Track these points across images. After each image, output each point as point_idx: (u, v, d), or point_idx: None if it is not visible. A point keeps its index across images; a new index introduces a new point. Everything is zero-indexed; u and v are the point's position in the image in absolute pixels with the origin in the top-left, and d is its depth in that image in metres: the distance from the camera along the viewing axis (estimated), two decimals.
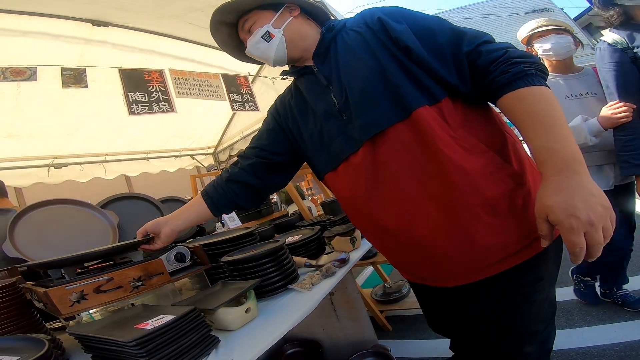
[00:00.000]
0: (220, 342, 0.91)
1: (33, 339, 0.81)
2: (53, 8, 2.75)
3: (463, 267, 0.93)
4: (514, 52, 0.85)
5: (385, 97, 0.92)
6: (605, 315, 2.11)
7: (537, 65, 0.83)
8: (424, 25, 0.93)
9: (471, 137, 0.89)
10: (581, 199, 0.72)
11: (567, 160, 0.75)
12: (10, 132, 3.57)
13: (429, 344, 2.31)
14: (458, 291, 0.97)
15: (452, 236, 0.90)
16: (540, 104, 0.80)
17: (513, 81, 0.82)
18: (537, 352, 0.98)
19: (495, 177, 0.87)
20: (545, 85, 0.82)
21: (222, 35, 1.15)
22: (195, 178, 3.97)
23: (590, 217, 0.71)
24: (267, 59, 1.08)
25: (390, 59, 0.92)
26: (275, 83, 4.32)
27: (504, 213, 0.86)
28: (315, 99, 1.07)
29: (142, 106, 2.80)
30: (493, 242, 0.87)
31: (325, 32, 1.05)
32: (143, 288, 1.03)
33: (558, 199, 0.74)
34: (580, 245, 0.72)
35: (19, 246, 1.30)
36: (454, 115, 0.90)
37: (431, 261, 0.97)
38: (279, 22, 1.05)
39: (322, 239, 1.81)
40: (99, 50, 3.23)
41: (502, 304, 0.93)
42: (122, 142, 4.66)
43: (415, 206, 0.92)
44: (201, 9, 3.09)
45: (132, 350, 0.71)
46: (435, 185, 0.89)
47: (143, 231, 1.23)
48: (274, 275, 1.26)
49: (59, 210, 1.49)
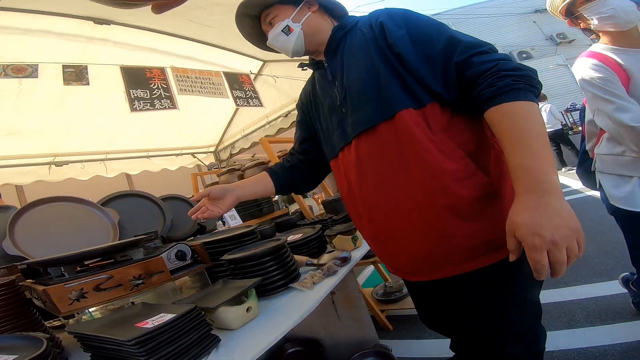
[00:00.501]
0: (221, 342, 0.90)
1: (31, 338, 0.80)
2: (55, 6, 2.74)
3: (433, 262, 0.98)
4: (506, 64, 0.85)
5: (376, 98, 0.98)
6: (607, 316, 2.10)
7: (527, 78, 0.84)
8: (423, 31, 0.97)
9: (450, 142, 0.93)
10: (547, 219, 0.74)
11: (539, 179, 0.77)
12: (12, 130, 3.57)
13: (430, 343, 2.30)
14: (435, 286, 1.03)
15: (420, 232, 0.96)
16: (521, 121, 0.81)
17: (498, 95, 0.83)
18: (524, 353, 1.00)
19: (466, 182, 0.90)
20: (532, 101, 0.83)
21: (246, 26, 1.24)
22: (196, 176, 3.97)
23: (554, 236, 0.73)
24: (286, 50, 1.17)
25: (385, 62, 0.98)
26: (276, 81, 4.31)
27: (469, 217, 0.91)
28: (323, 92, 1.19)
29: (144, 103, 2.79)
30: (458, 242, 0.92)
31: (337, 30, 1.12)
32: (143, 286, 1.03)
33: (525, 216, 0.76)
34: (542, 262, 0.74)
35: (19, 244, 1.29)
36: (438, 120, 0.94)
37: (405, 254, 1.04)
38: (298, 16, 1.13)
39: (324, 238, 1.80)
40: (101, 49, 3.23)
41: (477, 302, 0.98)
42: (123, 140, 4.66)
43: (391, 201, 0.99)
44: (203, 7, 3.09)
45: (132, 350, 0.70)
46: (408, 183, 0.95)
47: (205, 194, 1.29)
48: (275, 274, 1.25)
49: (59, 208, 1.48)
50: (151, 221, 1.72)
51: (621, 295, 2.26)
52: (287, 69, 4.32)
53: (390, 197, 1.00)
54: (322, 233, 1.80)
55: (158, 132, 4.94)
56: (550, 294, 2.53)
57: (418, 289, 1.19)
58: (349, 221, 1.96)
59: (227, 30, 3.57)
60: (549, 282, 2.67)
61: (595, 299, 2.32)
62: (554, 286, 2.63)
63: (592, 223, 3.83)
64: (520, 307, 0.98)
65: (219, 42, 3.82)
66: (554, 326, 2.14)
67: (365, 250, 1.77)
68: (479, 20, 17.57)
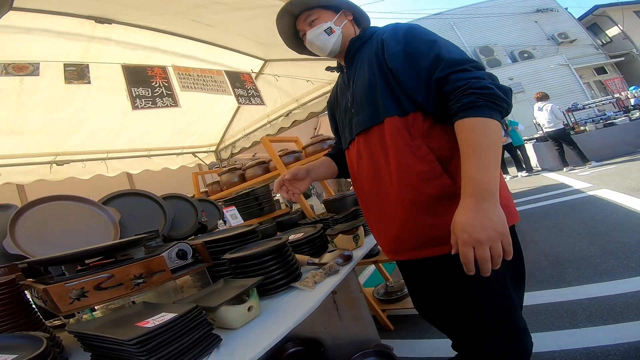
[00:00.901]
0: (222, 341, 0.90)
1: (31, 337, 0.80)
2: (56, 5, 2.73)
3: (405, 245, 1.17)
4: (476, 83, 0.95)
5: (372, 104, 1.17)
6: (610, 316, 2.09)
7: (491, 97, 0.94)
8: (417, 47, 1.09)
9: (424, 147, 1.08)
10: (478, 221, 0.88)
11: (480, 188, 0.91)
12: (13, 129, 3.56)
13: (431, 343, 2.30)
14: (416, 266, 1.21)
15: (395, 219, 1.16)
16: (476, 135, 0.94)
17: (461, 111, 0.95)
18: (502, 349, 1.11)
19: (430, 183, 1.07)
20: (491, 117, 0.93)
21: (284, 23, 1.36)
22: (197, 176, 3.96)
23: (480, 236, 0.88)
24: (324, 48, 1.30)
25: (382, 75, 1.14)
26: (278, 80, 4.31)
27: (430, 211, 1.08)
28: (341, 93, 1.39)
29: (146, 101, 2.78)
30: (421, 231, 1.10)
31: (355, 41, 1.28)
32: (144, 285, 1.02)
33: (462, 217, 0.92)
34: (467, 257, 0.90)
35: (20, 242, 1.29)
36: (419, 127, 1.10)
37: (387, 235, 1.23)
38: (339, 21, 1.29)
39: (325, 237, 1.80)
40: (102, 48, 3.22)
41: (444, 289, 1.15)
42: (124, 139, 4.64)
43: (378, 191, 1.20)
44: (204, 6, 3.07)
45: (132, 349, 0.70)
46: (386, 177, 1.15)
47: (295, 172, 1.40)
48: (277, 273, 1.25)
49: (60, 207, 1.48)
50: (152, 220, 1.72)
51: (623, 295, 2.25)
52: (288, 68, 4.31)
53: (378, 187, 1.20)
54: (324, 232, 1.80)
55: (159, 131, 4.94)
56: (552, 294, 2.53)
57: (404, 268, 1.36)
58: (350, 220, 1.96)
59: (229, 29, 3.57)
60: (551, 282, 2.68)
61: (597, 299, 2.30)
62: (556, 286, 2.63)
63: (593, 223, 3.82)
64: (488, 301, 1.09)
65: (220, 41, 3.81)
66: (556, 326, 2.14)
67: (367, 249, 1.76)
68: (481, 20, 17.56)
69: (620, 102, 10.10)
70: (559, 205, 5.02)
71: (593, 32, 18.19)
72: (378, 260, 2.77)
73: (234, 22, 3.40)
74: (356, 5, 1.32)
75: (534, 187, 6.83)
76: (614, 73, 17.02)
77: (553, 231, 3.90)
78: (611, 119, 8.23)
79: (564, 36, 17.01)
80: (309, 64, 4.12)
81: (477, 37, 17.43)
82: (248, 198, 2.53)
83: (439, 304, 1.23)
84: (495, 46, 17.03)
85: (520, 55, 16.79)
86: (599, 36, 18.30)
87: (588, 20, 18.50)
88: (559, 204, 5.12)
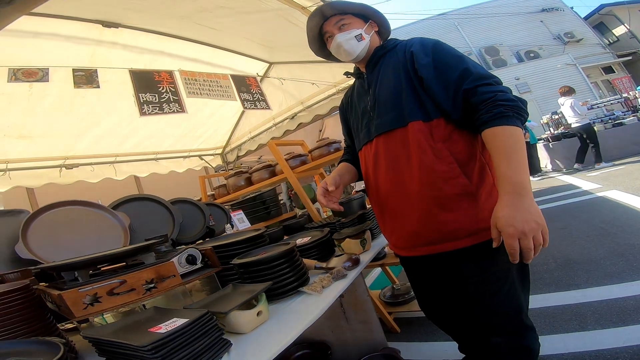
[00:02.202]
0: (232, 346, 0.91)
1: (48, 343, 0.81)
2: (64, 9, 2.77)
3: (421, 240, 1.25)
4: (502, 96, 1.08)
5: (396, 109, 1.25)
6: (619, 318, 2.07)
7: (516, 109, 1.07)
8: (445, 60, 1.20)
9: (445, 150, 1.18)
10: (520, 215, 0.98)
11: (516, 185, 1.02)
12: (22, 133, 3.60)
13: (438, 346, 2.29)
14: (425, 262, 1.30)
15: (413, 214, 1.24)
16: (507, 140, 1.05)
17: (492, 120, 1.07)
18: (509, 344, 1.19)
19: (450, 182, 1.16)
20: (517, 125, 1.06)
21: (314, 22, 1.44)
22: (203, 179, 3.98)
23: (524, 228, 0.97)
24: (352, 52, 1.37)
25: (408, 82, 1.24)
26: (283, 83, 4.32)
27: (449, 208, 1.17)
28: (358, 98, 1.47)
29: (153, 107, 2.81)
30: (439, 226, 1.19)
31: (378, 50, 1.38)
32: (155, 291, 1.03)
33: (504, 213, 1.01)
34: (514, 247, 0.98)
35: (32, 248, 1.31)
36: (441, 132, 1.19)
37: (400, 231, 1.32)
38: (368, 30, 1.39)
39: (332, 241, 1.80)
40: (110, 52, 3.25)
41: (454, 286, 1.23)
42: (132, 142, 4.68)
43: (395, 189, 1.28)
44: (210, 10, 3.10)
45: (147, 355, 0.71)
46: (407, 175, 1.23)
47: (338, 182, 1.45)
48: (285, 278, 1.26)
49: (71, 212, 1.50)
50: (161, 224, 1.73)
51: (633, 298, 2.23)
52: (293, 71, 4.32)
53: (395, 185, 1.27)
54: (331, 236, 1.80)
55: (166, 135, 4.97)
56: (562, 297, 2.51)
57: (415, 266, 1.41)
58: (357, 224, 1.96)
59: (234, 32, 3.59)
60: (559, 284, 2.67)
61: (607, 302, 2.28)
62: (565, 288, 2.61)
63: (602, 224, 3.79)
64: (494, 297, 1.18)
65: (226, 44, 3.84)
66: (565, 329, 2.12)
67: (374, 253, 1.76)
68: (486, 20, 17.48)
69: (628, 102, 9.97)
70: (567, 207, 4.98)
71: (599, 31, 18.04)
72: (385, 263, 2.77)
73: (239, 25, 3.43)
74: (384, 18, 1.44)
75: (542, 188, 6.78)
76: (622, 72, 16.85)
77: (562, 233, 3.87)
78: (619, 119, 8.12)
79: (570, 35, 16.89)
80: (314, 67, 4.13)
81: (482, 37, 17.36)
82: (255, 202, 2.55)
83: (448, 301, 1.28)
84: (500, 46, 16.95)
85: (527, 55, 16.69)
86: (605, 35, 18.14)
87: (594, 19, 18.36)
88: (567, 205, 5.08)
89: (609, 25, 18.03)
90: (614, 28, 17.76)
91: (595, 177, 6.36)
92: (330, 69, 4.01)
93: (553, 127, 9.61)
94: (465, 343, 1.37)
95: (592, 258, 3.01)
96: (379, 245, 1.86)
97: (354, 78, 1.54)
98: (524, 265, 1.22)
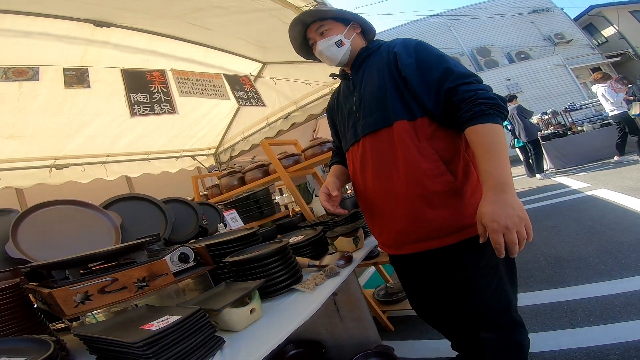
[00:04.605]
0: (225, 343, 0.91)
1: (38, 340, 0.81)
2: (55, 8, 2.74)
3: (410, 238, 1.27)
4: (483, 94, 1.11)
5: (381, 109, 1.27)
6: (609, 315, 2.10)
7: (496, 106, 1.10)
8: (427, 60, 1.23)
9: (430, 148, 1.20)
10: (503, 210, 1.01)
11: (498, 182, 1.04)
12: (12, 132, 3.55)
13: (432, 344, 2.31)
14: (415, 260, 1.31)
15: (401, 213, 1.25)
16: (488, 137, 1.08)
17: (473, 118, 1.10)
18: (500, 340, 1.20)
19: (436, 179, 1.18)
20: (498, 123, 1.10)
21: (296, 30, 1.46)
22: (196, 179, 3.97)
23: (507, 223, 1.00)
24: (333, 59, 1.40)
25: (392, 82, 1.26)
26: (276, 83, 4.31)
27: (436, 205, 1.19)
28: (344, 99, 1.47)
29: (144, 107, 2.78)
30: (427, 224, 1.21)
31: (362, 51, 1.40)
32: (147, 289, 1.03)
33: (488, 208, 1.03)
34: (499, 242, 1.00)
35: (22, 247, 1.29)
36: (425, 130, 1.22)
37: (391, 230, 1.32)
38: (348, 34, 1.40)
39: (325, 240, 1.81)
40: (101, 51, 3.22)
41: (443, 282, 1.25)
42: (124, 142, 4.64)
43: (383, 187, 1.29)
44: (203, 10, 3.09)
45: (139, 352, 0.71)
46: (394, 174, 1.24)
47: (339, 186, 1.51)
48: (278, 276, 1.26)
49: (62, 211, 1.48)
50: (153, 224, 1.72)
51: (622, 295, 2.27)
52: (287, 70, 4.32)
53: (382, 184, 1.28)
54: (324, 235, 1.81)
55: (158, 135, 4.93)
56: (551, 294, 2.54)
57: (404, 265, 1.43)
58: (350, 222, 1.97)
59: (227, 32, 3.58)
60: (550, 282, 2.70)
61: (596, 299, 2.32)
62: (555, 286, 2.64)
63: (591, 223, 3.84)
64: (485, 293, 1.20)
65: (219, 44, 3.82)
66: (555, 326, 2.15)
67: (367, 251, 1.77)
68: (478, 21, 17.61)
69: None
70: (557, 206, 5.04)
71: (589, 32, 18.27)
72: (378, 262, 2.78)
73: (233, 25, 3.41)
74: (364, 19, 1.44)
75: (532, 187, 6.85)
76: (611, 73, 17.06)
77: (552, 231, 3.92)
78: (608, 119, 8.22)
79: (560, 36, 17.07)
80: (308, 67, 4.13)
81: (475, 38, 17.48)
82: (248, 201, 2.54)
83: (438, 298, 1.31)
84: (492, 47, 17.08)
85: (517, 55, 16.83)
86: (594, 36, 18.38)
87: (584, 20, 18.58)
88: (557, 204, 5.14)
89: (598, 27, 18.26)
90: (603, 29, 17.99)
91: (584, 177, 6.45)
92: (323, 69, 4.00)
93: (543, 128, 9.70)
94: (457, 340, 1.38)
95: (582, 256, 3.05)
96: (372, 243, 1.87)
97: (340, 80, 1.55)
98: (510, 260, 1.26)
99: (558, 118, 10.06)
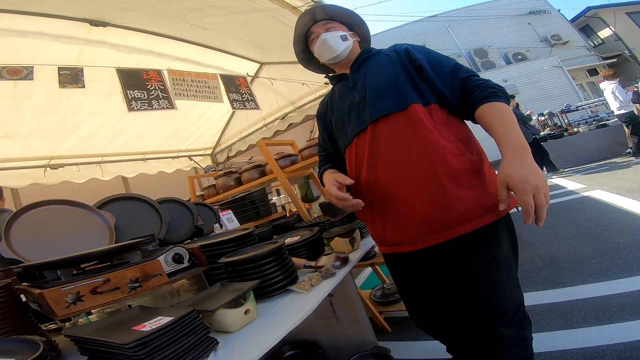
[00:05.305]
0: (219, 344, 0.90)
1: (27, 341, 0.79)
2: (51, 8, 2.73)
3: (426, 227, 1.20)
4: (490, 82, 1.24)
5: (392, 95, 1.28)
6: (605, 316, 2.10)
7: (502, 91, 1.22)
8: (437, 58, 1.35)
9: (447, 131, 1.23)
10: (530, 172, 1.02)
11: (520, 145, 1.08)
12: (7, 132, 3.54)
13: (428, 345, 2.30)
14: (423, 257, 1.25)
15: (424, 197, 1.19)
16: (502, 112, 1.17)
17: (487, 97, 1.19)
18: (514, 336, 1.16)
19: (460, 158, 1.19)
20: (506, 103, 1.19)
21: (303, 21, 1.54)
22: (193, 179, 3.95)
23: (537, 183, 1.00)
24: (336, 49, 1.44)
25: (404, 72, 1.31)
26: (273, 84, 4.31)
27: (463, 184, 1.17)
28: (341, 97, 1.47)
29: (142, 102, 2.77)
30: (455, 205, 1.16)
31: (363, 53, 1.47)
32: (140, 289, 1.02)
33: (515, 170, 1.03)
34: (530, 203, 0.99)
35: (15, 247, 1.28)
36: (439, 115, 1.25)
37: (406, 222, 1.25)
38: (352, 36, 1.50)
39: (322, 240, 1.80)
40: (97, 51, 3.21)
41: (464, 276, 1.18)
42: (120, 142, 4.63)
43: (397, 172, 1.24)
44: (201, 9, 3.08)
45: (130, 353, 0.70)
46: (415, 155, 1.20)
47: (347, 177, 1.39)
48: (274, 277, 1.25)
49: (55, 211, 1.47)
50: (148, 224, 1.70)
51: (617, 296, 2.27)
52: (284, 71, 4.32)
53: (399, 170, 1.23)
54: (320, 235, 1.80)
55: (154, 135, 4.92)
56: (548, 295, 2.54)
57: (407, 263, 1.35)
58: (346, 223, 1.96)
59: (225, 32, 3.57)
60: (546, 283, 2.70)
61: (592, 299, 2.32)
62: (551, 287, 2.64)
63: (587, 224, 3.85)
64: (504, 285, 1.17)
65: (216, 44, 3.82)
66: (552, 327, 2.15)
67: (364, 252, 1.76)
68: (475, 22, 17.67)
69: None
70: (553, 206, 5.05)
71: (585, 33, 18.35)
72: (375, 263, 2.78)
73: (230, 25, 3.41)
74: (366, 29, 1.59)
75: None
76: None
77: (548, 232, 3.93)
78: (604, 120, 8.27)
79: (557, 38, 17.15)
80: None
81: (472, 39, 17.54)
82: (244, 202, 2.53)
83: (449, 295, 1.22)
84: (489, 48, 17.14)
85: (514, 57, 16.90)
86: (591, 38, 18.47)
87: (580, 22, 18.67)
88: (553, 205, 5.15)
89: (594, 28, 18.36)
90: (599, 30, 18.08)
91: (580, 178, 6.47)
92: None
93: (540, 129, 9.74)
94: (457, 343, 1.31)
95: (578, 256, 3.06)
96: (368, 244, 1.86)
97: (331, 85, 1.59)
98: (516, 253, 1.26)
99: (554, 119, 10.09)
